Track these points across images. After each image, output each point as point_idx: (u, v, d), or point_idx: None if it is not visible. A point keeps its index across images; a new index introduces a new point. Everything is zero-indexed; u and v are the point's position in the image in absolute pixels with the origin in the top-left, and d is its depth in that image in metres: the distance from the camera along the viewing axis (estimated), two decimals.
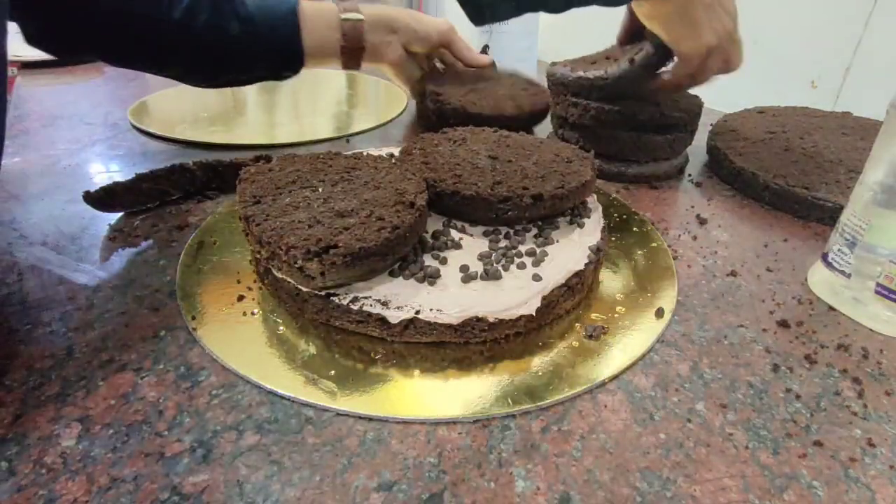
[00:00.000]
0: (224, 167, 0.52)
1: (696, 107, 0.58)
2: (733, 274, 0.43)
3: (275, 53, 0.57)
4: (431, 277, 0.35)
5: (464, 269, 0.36)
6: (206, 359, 0.33)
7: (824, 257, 0.41)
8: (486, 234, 0.40)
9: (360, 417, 0.29)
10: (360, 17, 0.57)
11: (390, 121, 0.75)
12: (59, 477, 0.26)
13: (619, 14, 0.48)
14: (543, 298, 0.35)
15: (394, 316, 0.33)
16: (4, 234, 0.45)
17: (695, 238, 0.48)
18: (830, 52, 0.70)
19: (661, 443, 0.29)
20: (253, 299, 0.38)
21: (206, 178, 0.52)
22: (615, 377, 0.33)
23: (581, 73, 0.56)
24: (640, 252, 0.45)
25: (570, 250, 0.38)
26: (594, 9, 0.45)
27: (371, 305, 0.33)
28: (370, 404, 0.30)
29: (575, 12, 0.46)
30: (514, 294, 0.34)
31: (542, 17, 0.82)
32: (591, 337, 0.35)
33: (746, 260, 0.45)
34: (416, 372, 0.32)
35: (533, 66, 0.82)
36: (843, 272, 0.39)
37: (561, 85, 0.58)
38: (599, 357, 0.34)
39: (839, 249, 0.39)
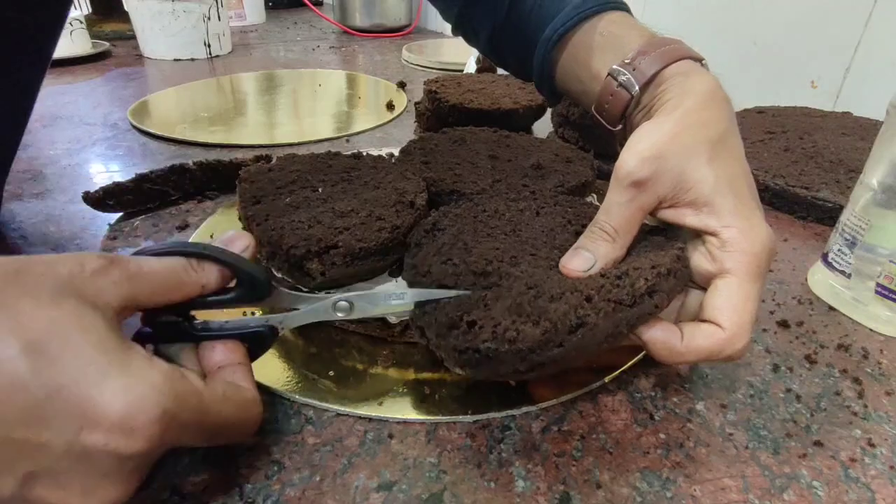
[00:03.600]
0: (224, 167, 0.52)
1: None
2: None
3: (523, 64, 0.42)
4: None
5: None
6: None
7: (824, 257, 0.41)
8: None
9: (360, 417, 0.29)
10: (636, 86, 0.32)
11: (390, 121, 0.75)
12: None
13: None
14: None
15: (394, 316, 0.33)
16: (4, 234, 0.45)
17: None
18: (830, 52, 0.70)
19: (661, 443, 0.29)
20: None
21: (206, 178, 0.52)
22: (615, 377, 0.33)
23: None
24: None
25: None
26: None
27: None
28: (370, 404, 0.30)
29: None
30: None
31: None
32: None
33: None
34: (416, 372, 0.32)
35: None
36: (843, 272, 0.39)
37: None
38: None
39: (839, 249, 0.39)
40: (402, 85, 0.89)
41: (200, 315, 0.27)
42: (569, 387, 0.31)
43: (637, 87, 0.32)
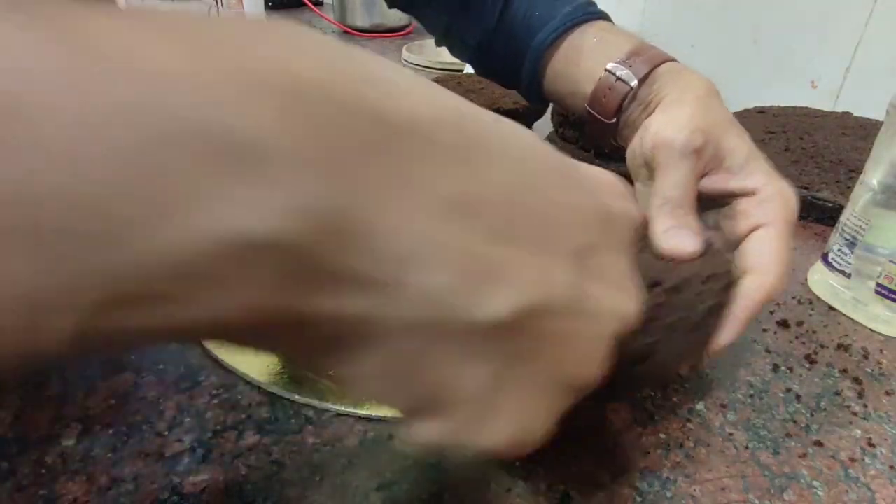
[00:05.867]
0: None
1: None
2: None
3: (512, 75, 0.43)
4: None
5: None
6: (206, 359, 0.33)
7: (824, 257, 0.41)
8: None
9: (360, 417, 0.29)
10: (634, 80, 0.34)
11: None
12: (59, 477, 0.26)
13: (618, 15, 0.42)
14: None
15: None
16: None
17: None
18: (830, 52, 0.69)
19: (661, 443, 0.29)
20: None
21: None
22: None
23: None
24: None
25: None
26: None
27: None
28: (370, 404, 0.30)
29: None
30: None
31: None
32: None
33: None
34: None
35: None
36: (843, 272, 0.39)
37: None
38: None
39: (839, 249, 0.39)
40: None
41: None
42: None
43: (636, 80, 0.34)
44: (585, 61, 0.37)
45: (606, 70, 0.35)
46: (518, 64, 0.41)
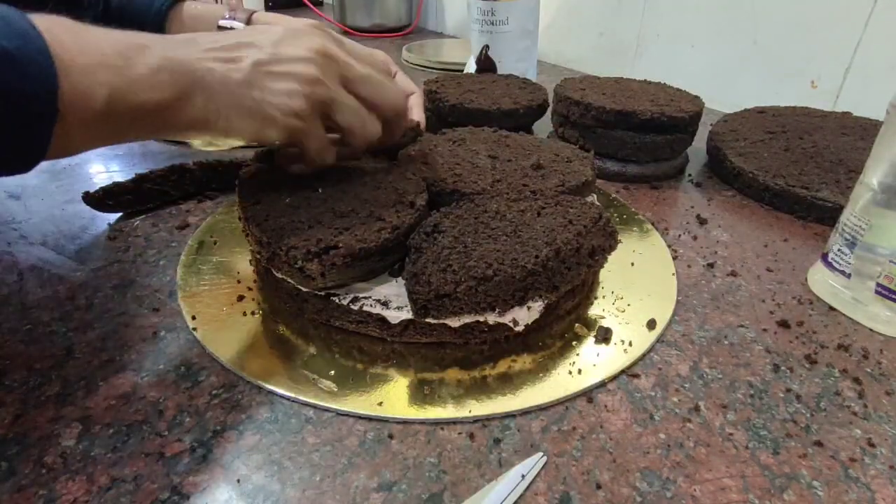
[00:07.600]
0: (224, 167, 0.52)
1: (696, 107, 0.58)
2: (733, 274, 0.43)
3: None
4: None
5: None
6: (206, 359, 0.33)
7: (824, 257, 0.41)
8: None
9: (360, 417, 0.29)
10: (243, 24, 0.46)
11: None
12: (59, 477, 0.26)
13: (618, 15, 0.41)
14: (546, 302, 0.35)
15: (394, 316, 0.33)
16: (4, 234, 0.45)
17: (695, 238, 0.48)
18: (830, 52, 0.69)
19: (661, 443, 0.29)
20: (253, 299, 0.38)
21: (206, 178, 0.52)
22: (615, 377, 0.33)
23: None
24: (639, 252, 0.45)
25: None
26: (592, 9, 0.43)
27: (371, 305, 0.33)
28: (370, 404, 0.30)
29: (572, 11, 0.44)
30: None
31: (543, 16, 0.82)
32: (604, 340, 0.35)
33: (746, 260, 0.45)
34: (416, 372, 0.32)
35: (533, 65, 0.81)
36: (843, 272, 0.39)
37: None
38: (599, 357, 0.34)
39: (839, 249, 0.39)
40: None
41: None
42: (569, 387, 0.31)
43: (244, 24, 0.47)
44: (198, 25, 0.50)
45: (219, 25, 0.48)
46: None
